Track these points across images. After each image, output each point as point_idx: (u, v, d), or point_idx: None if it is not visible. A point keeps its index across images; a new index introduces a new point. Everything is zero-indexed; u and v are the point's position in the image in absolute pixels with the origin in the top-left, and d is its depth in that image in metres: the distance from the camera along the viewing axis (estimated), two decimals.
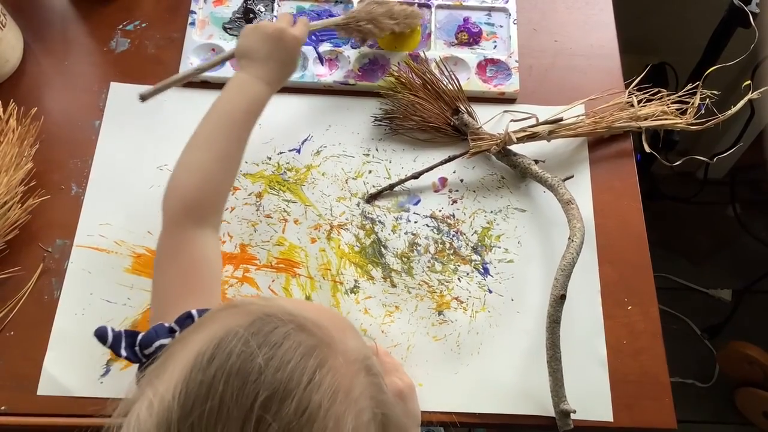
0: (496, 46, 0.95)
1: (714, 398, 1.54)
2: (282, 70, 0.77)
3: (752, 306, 1.58)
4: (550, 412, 0.73)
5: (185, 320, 0.55)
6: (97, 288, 0.79)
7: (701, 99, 0.88)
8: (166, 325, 0.55)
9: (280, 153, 0.88)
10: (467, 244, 0.83)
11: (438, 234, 0.84)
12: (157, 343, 0.54)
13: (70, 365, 0.76)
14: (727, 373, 1.54)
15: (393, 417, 0.47)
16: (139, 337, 0.55)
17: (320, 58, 0.92)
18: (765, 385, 1.45)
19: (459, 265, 0.82)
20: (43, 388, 0.74)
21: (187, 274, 0.63)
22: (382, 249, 0.83)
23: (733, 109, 0.87)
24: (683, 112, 0.88)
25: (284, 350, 0.43)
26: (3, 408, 0.74)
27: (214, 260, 0.66)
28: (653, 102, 0.89)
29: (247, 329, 0.44)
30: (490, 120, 0.89)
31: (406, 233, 0.84)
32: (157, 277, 0.65)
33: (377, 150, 0.89)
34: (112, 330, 0.55)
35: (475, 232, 0.84)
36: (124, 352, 0.55)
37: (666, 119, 0.88)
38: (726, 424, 1.52)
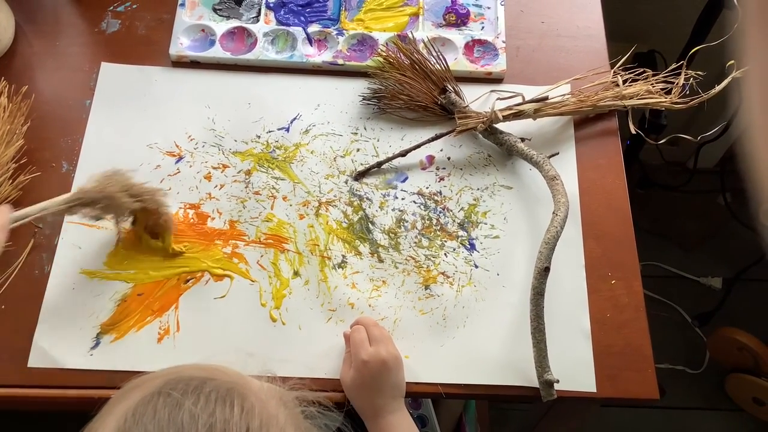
0: (483, 27, 0.96)
1: (704, 384, 1.54)
2: None
3: (742, 294, 1.58)
4: (535, 382, 0.74)
5: None
6: (87, 263, 0.80)
7: (686, 79, 0.89)
8: None
9: (269, 132, 0.89)
10: (454, 221, 0.84)
11: (425, 210, 0.85)
12: None
13: (61, 338, 0.76)
14: (717, 359, 1.55)
15: None
16: None
17: (309, 39, 0.93)
18: (755, 371, 1.46)
19: (446, 241, 0.83)
20: (34, 361, 0.75)
21: None
22: (370, 225, 0.84)
23: (718, 88, 0.88)
24: (668, 92, 0.90)
25: (207, 393, 0.45)
26: None
27: None
28: (638, 82, 0.90)
29: (161, 389, 0.45)
30: (477, 99, 0.90)
31: (393, 210, 0.85)
32: None
33: (365, 129, 0.90)
34: None
35: (462, 208, 0.85)
36: None
37: (651, 98, 0.89)
38: (716, 410, 1.53)
